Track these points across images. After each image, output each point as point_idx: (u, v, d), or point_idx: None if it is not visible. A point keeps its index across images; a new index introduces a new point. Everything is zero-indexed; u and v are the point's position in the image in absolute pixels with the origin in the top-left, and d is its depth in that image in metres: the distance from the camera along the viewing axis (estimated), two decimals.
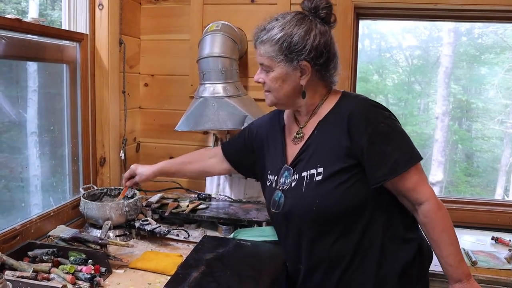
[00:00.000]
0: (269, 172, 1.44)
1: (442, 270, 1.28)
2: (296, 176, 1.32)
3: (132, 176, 1.72)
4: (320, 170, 1.26)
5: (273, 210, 1.38)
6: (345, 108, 1.29)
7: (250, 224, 1.88)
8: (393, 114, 1.30)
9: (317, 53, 1.26)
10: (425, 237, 1.33)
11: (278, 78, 1.30)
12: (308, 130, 1.36)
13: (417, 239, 1.32)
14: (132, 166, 1.72)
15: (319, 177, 1.26)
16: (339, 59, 1.35)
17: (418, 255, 1.30)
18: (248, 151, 1.57)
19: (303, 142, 1.36)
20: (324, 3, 1.29)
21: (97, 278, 1.35)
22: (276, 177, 1.40)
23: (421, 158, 1.25)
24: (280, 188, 1.36)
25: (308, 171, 1.29)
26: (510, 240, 1.97)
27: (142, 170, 1.69)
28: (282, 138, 1.45)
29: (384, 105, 1.32)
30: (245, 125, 1.92)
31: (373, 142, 1.22)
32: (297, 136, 1.39)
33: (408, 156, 1.23)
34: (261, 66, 1.33)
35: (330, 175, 1.25)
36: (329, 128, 1.30)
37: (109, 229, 1.70)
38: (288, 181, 1.35)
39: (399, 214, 1.31)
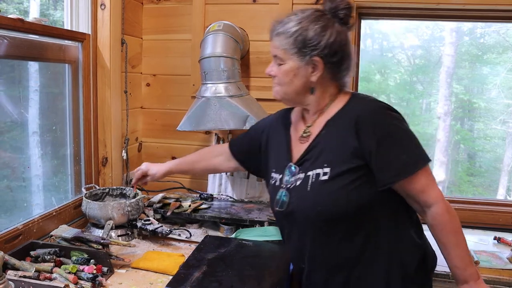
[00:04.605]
0: (274, 170, 1.43)
1: (444, 270, 1.27)
2: (302, 175, 1.31)
3: (144, 176, 1.74)
4: (327, 170, 1.25)
5: (277, 209, 1.36)
6: (354, 110, 1.28)
7: (252, 224, 1.88)
8: (401, 115, 1.28)
9: (331, 51, 1.27)
10: (429, 244, 1.33)
11: (290, 72, 1.30)
12: (316, 129, 1.34)
13: (422, 244, 1.32)
14: (143, 166, 1.74)
15: (325, 177, 1.25)
16: (353, 61, 1.35)
17: (423, 261, 1.30)
18: (255, 149, 1.56)
19: (310, 141, 1.34)
20: (344, 4, 1.29)
21: (99, 278, 1.35)
22: (281, 176, 1.39)
23: (429, 160, 1.24)
24: (285, 186, 1.35)
25: (314, 171, 1.28)
26: None
27: (154, 170, 1.72)
28: (287, 136, 1.44)
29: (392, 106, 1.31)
30: (247, 125, 1.92)
31: (381, 144, 1.21)
32: (304, 135, 1.37)
33: (416, 158, 1.23)
34: (274, 58, 1.32)
35: (336, 175, 1.24)
36: (337, 128, 1.29)
37: (111, 229, 1.70)
38: (293, 179, 1.33)
39: (406, 218, 1.30)
